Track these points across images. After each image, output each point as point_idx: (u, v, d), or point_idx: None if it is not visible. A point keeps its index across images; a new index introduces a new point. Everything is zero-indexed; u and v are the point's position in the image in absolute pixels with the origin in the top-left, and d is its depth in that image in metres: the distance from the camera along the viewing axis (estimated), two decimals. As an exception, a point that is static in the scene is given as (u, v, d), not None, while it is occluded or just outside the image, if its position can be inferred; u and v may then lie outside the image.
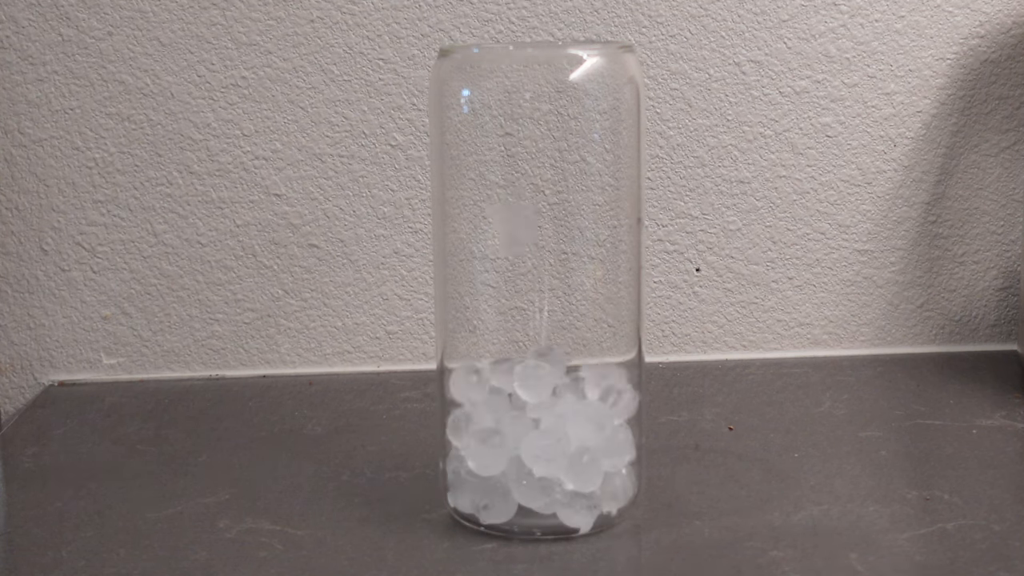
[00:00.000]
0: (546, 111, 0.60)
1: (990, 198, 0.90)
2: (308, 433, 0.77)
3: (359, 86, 0.86)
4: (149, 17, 0.85)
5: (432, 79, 0.62)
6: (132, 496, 0.68)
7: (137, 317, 0.88)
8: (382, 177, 0.87)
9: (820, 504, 0.65)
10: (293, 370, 0.89)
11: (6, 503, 0.69)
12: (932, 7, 0.87)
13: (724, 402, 0.81)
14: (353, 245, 0.88)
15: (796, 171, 0.89)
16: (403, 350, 0.89)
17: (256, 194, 0.87)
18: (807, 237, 0.89)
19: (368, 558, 0.61)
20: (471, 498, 0.61)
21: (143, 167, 0.86)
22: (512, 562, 0.60)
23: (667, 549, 0.61)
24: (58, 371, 0.88)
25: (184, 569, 0.60)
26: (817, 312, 0.90)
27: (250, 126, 0.86)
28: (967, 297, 0.91)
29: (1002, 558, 0.59)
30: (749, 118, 0.88)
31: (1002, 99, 0.89)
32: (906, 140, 0.89)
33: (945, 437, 0.75)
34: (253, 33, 0.85)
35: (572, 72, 0.60)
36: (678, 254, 0.89)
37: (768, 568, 0.59)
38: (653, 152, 0.88)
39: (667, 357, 0.90)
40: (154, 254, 0.87)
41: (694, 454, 0.73)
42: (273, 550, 0.61)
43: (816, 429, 0.76)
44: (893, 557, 0.60)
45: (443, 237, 0.62)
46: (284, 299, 0.88)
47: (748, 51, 0.87)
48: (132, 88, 0.85)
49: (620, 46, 0.61)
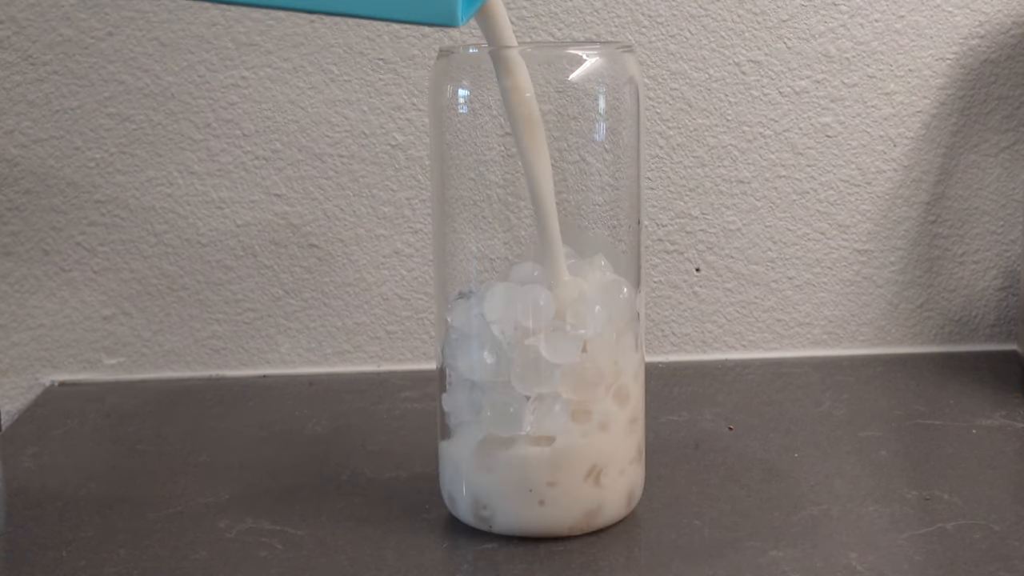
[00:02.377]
0: (546, 111, 0.60)
1: (990, 198, 0.90)
2: (308, 433, 0.77)
3: (359, 86, 0.86)
4: (149, 17, 0.85)
5: (432, 79, 0.62)
6: (132, 496, 0.68)
7: (137, 317, 0.88)
8: (382, 177, 0.87)
9: (820, 504, 0.65)
10: (293, 370, 0.89)
11: (6, 503, 0.69)
12: (932, 7, 0.87)
13: (724, 402, 0.81)
14: (353, 245, 0.88)
15: (796, 171, 0.89)
16: (403, 350, 0.89)
17: (256, 194, 0.87)
18: (807, 237, 0.89)
19: (368, 558, 0.61)
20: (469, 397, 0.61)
21: (143, 167, 0.86)
22: (512, 562, 0.60)
23: (667, 549, 0.61)
24: (58, 371, 0.88)
25: (184, 569, 0.60)
26: (817, 312, 0.90)
27: (250, 126, 0.86)
28: (967, 297, 0.91)
29: (1002, 558, 0.59)
30: (749, 118, 0.88)
31: (1002, 99, 0.89)
32: (906, 140, 0.89)
33: (945, 437, 0.75)
34: (253, 33, 0.85)
35: (572, 72, 0.60)
36: (678, 254, 0.89)
37: (768, 568, 0.59)
38: (653, 152, 0.88)
39: (667, 357, 0.90)
40: (154, 254, 0.87)
41: (694, 454, 0.73)
42: (273, 550, 0.61)
43: (816, 429, 0.76)
44: (893, 557, 0.60)
45: (443, 237, 0.62)
46: (284, 299, 0.88)
47: (748, 51, 0.87)
48: (132, 88, 0.85)
49: (620, 46, 0.61)
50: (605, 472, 0.61)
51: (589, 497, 0.61)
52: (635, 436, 0.63)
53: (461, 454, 0.61)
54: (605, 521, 0.62)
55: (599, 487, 0.61)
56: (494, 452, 0.60)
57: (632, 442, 0.63)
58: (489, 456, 0.60)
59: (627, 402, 0.62)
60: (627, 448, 0.62)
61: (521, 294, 0.60)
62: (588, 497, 0.61)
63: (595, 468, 0.61)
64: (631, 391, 0.62)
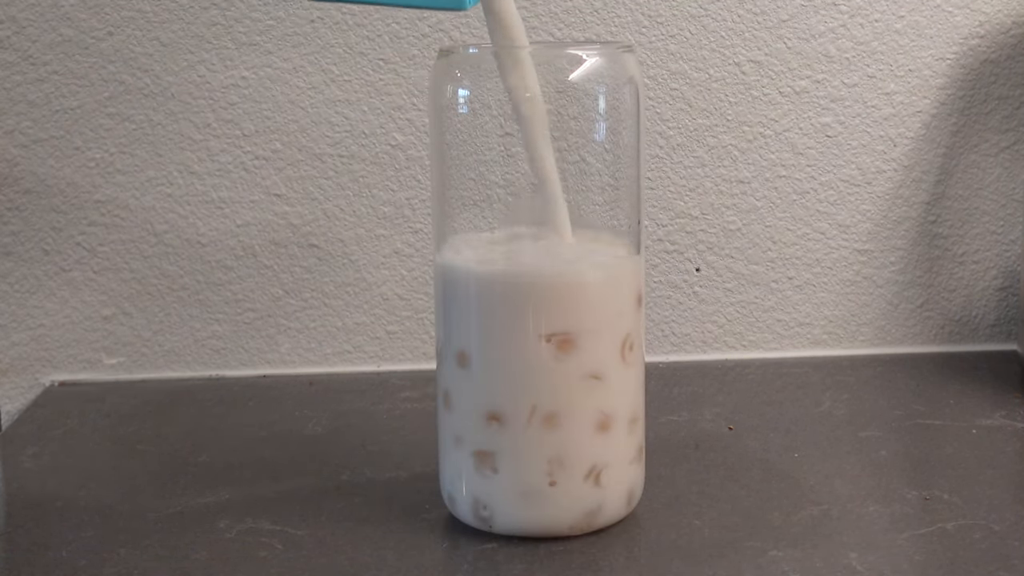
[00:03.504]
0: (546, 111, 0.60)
1: (990, 198, 0.90)
2: (308, 433, 0.77)
3: (359, 86, 0.86)
4: (149, 17, 0.85)
5: (432, 79, 0.62)
6: (132, 496, 0.68)
7: (137, 317, 0.88)
8: (382, 177, 0.87)
9: (820, 504, 0.65)
10: (293, 370, 0.89)
11: (6, 503, 0.69)
12: (932, 7, 0.87)
13: (724, 402, 0.81)
14: (353, 245, 0.88)
15: (796, 171, 0.89)
16: (403, 350, 0.89)
17: (256, 194, 0.87)
18: (807, 237, 0.89)
19: (368, 558, 0.61)
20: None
21: (143, 167, 0.86)
22: (512, 562, 0.60)
23: (667, 549, 0.61)
24: (58, 371, 0.88)
25: (184, 569, 0.60)
26: (817, 312, 0.90)
27: (250, 126, 0.86)
28: (967, 297, 0.91)
29: (1002, 558, 0.59)
30: (749, 118, 0.88)
31: (1002, 99, 0.89)
32: (906, 140, 0.89)
33: (945, 437, 0.75)
34: (253, 33, 0.85)
35: (572, 72, 0.60)
36: (678, 254, 0.89)
37: (768, 568, 0.59)
38: (653, 152, 0.88)
39: (667, 357, 0.90)
40: (154, 254, 0.87)
41: (694, 454, 0.73)
42: (273, 550, 0.61)
43: (816, 429, 0.76)
44: (893, 557, 0.60)
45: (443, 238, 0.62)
46: (284, 299, 0.88)
47: (748, 51, 0.87)
48: (132, 88, 0.85)
49: (620, 46, 0.61)
50: (605, 472, 0.61)
51: (589, 497, 0.61)
52: (635, 436, 0.63)
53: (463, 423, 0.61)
54: (605, 521, 0.62)
55: (599, 487, 0.61)
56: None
57: (632, 442, 0.63)
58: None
59: (634, 352, 0.61)
60: (627, 448, 0.62)
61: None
62: (588, 497, 0.61)
63: (595, 468, 0.61)
64: (635, 343, 0.62)
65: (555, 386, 0.60)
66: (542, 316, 0.59)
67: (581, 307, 0.60)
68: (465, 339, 0.61)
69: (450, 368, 0.62)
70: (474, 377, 0.61)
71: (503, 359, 0.60)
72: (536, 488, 0.60)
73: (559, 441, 0.60)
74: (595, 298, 0.60)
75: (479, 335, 0.60)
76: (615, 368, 0.61)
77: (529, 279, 0.59)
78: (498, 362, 0.60)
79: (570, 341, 0.60)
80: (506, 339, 0.60)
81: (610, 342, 0.61)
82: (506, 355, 0.60)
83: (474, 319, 0.60)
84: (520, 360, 0.60)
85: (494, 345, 0.60)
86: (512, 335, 0.60)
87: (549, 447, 0.60)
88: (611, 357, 0.61)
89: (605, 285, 0.60)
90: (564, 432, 0.60)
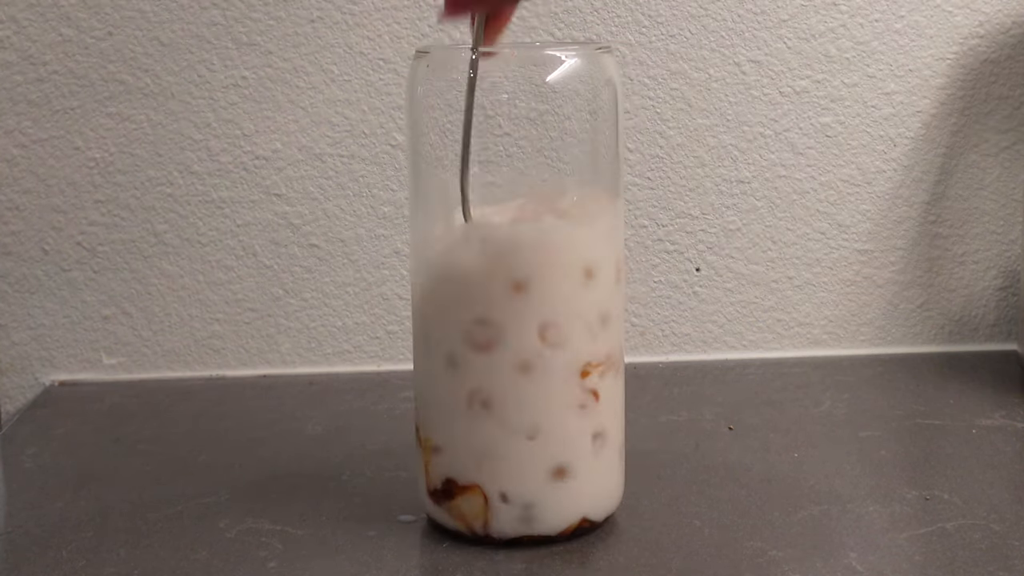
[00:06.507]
0: (524, 111, 0.60)
1: (990, 198, 0.90)
2: (308, 433, 0.77)
3: (359, 86, 0.86)
4: (149, 17, 0.85)
5: (408, 79, 0.62)
6: (132, 496, 0.68)
7: (137, 317, 0.88)
8: (382, 177, 0.87)
9: (820, 504, 0.65)
10: (293, 370, 0.89)
11: (6, 503, 0.69)
12: (932, 7, 0.87)
13: (724, 402, 0.81)
14: (353, 245, 0.88)
15: (796, 171, 0.89)
16: (403, 350, 0.89)
17: (256, 194, 0.87)
18: (807, 237, 0.89)
19: (368, 558, 0.61)
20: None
21: (143, 167, 0.86)
22: (512, 562, 0.60)
23: (667, 549, 0.61)
24: (58, 371, 0.88)
25: (184, 569, 0.60)
26: (817, 312, 0.90)
27: (250, 126, 0.86)
28: (967, 297, 0.91)
29: (1002, 558, 0.59)
30: (749, 118, 0.88)
31: (1002, 99, 0.89)
32: (906, 140, 0.89)
33: (945, 437, 0.75)
34: (253, 33, 0.85)
35: (550, 73, 0.60)
36: (678, 254, 0.89)
37: (768, 568, 0.59)
38: (653, 152, 0.88)
39: (667, 357, 0.90)
40: (154, 254, 0.87)
41: (694, 454, 0.73)
42: (273, 550, 0.61)
43: (816, 429, 0.76)
44: (893, 557, 0.60)
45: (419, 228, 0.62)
46: (284, 299, 0.88)
47: (748, 51, 0.87)
48: (132, 88, 0.85)
49: (598, 47, 0.61)
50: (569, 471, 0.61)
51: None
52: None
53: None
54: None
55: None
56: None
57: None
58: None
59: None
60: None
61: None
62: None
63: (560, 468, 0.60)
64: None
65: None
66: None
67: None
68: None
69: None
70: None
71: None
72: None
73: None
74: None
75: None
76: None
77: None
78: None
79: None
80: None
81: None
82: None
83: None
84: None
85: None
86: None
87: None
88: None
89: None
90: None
